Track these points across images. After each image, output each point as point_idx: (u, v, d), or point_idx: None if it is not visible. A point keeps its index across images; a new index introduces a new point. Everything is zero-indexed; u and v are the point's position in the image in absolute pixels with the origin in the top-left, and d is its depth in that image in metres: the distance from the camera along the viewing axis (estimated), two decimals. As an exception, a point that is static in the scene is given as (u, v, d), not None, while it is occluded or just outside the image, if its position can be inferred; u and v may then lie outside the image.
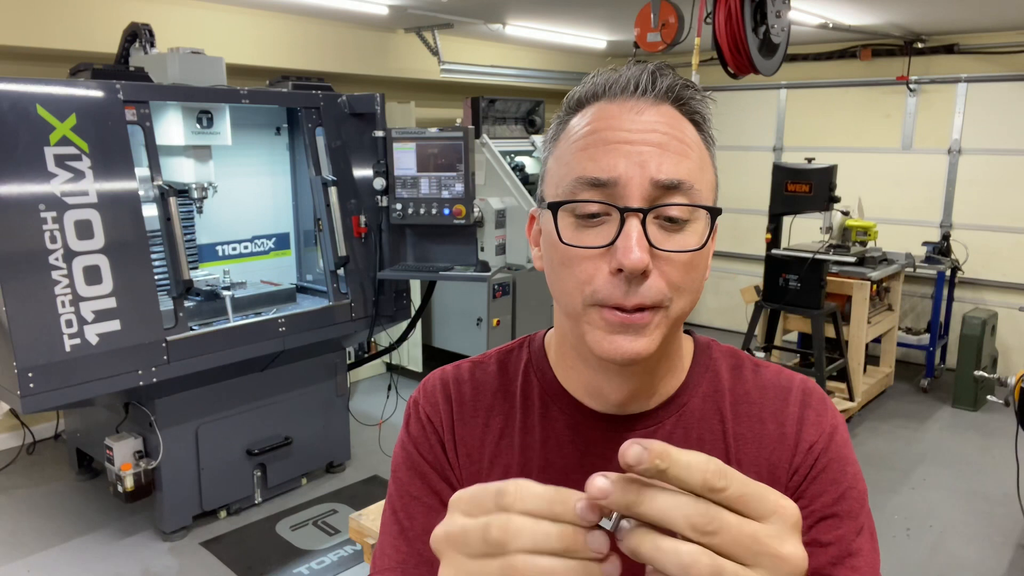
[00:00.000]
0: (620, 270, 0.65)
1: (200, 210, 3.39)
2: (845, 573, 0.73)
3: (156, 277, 2.91)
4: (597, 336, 0.68)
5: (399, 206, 3.48)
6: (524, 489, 0.44)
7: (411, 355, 5.28)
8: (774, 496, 0.44)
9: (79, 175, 2.66)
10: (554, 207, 0.69)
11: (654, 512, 0.42)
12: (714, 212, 0.69)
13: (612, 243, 0.66)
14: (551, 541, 0.43)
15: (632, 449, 0.42)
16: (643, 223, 0.65)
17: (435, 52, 5.17)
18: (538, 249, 0.78)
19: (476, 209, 3.51)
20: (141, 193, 2.86)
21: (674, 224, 0.67)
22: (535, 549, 0.43)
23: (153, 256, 2.90)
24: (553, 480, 0.43)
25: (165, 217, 2.91)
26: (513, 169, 4.64)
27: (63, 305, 2.62)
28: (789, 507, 0.44)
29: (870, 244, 4.89)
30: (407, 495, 0.81)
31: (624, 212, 0.65)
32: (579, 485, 0.74)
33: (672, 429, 0.77)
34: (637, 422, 0.77)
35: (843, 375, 4.59)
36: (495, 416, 0.82)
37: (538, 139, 5.18)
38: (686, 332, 0.82)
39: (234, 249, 3.74)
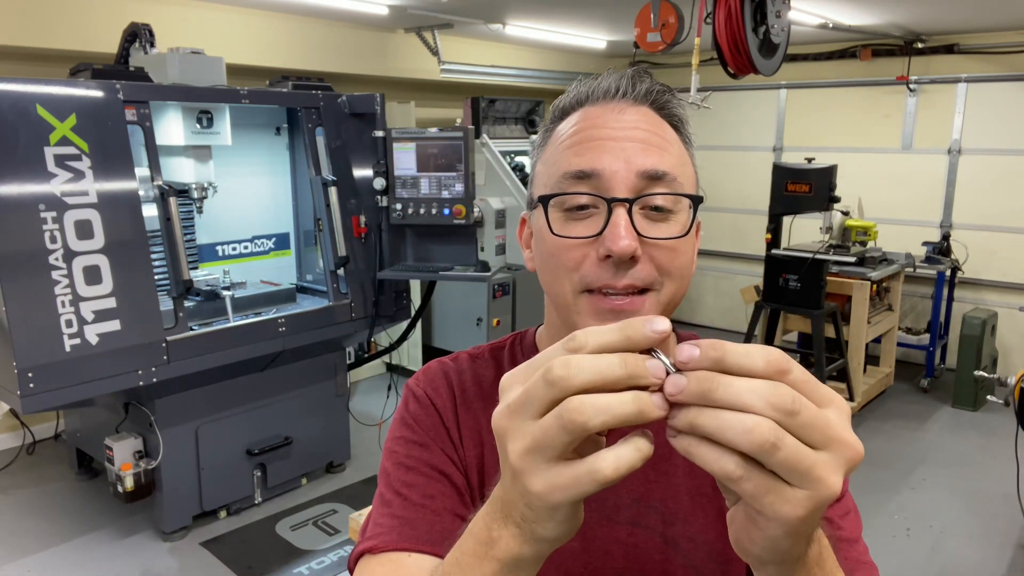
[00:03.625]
0: (608, 256, 0.68)
1: (200, 210, 3.38)
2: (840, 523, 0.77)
3: (156, 277, 2.91)
4: (588, 324, 0.67)
5: (399, 206, 3.48)
6: (591, 331, 0.45)
7: (411, 355, 5.28)
8: (826, 386, 0.45)
9: (79, 175, 2.66)
10: (544, 200, 0.73)
11: (730, 395, 0.42)
12: (695, 200, 0.73)
13: (600, 232, 0.69)
14: (615, 368, 0.43)
15: (684, 349, 0.43)
16: (629, 212, 0.69)
17: (435, 52, 5.17)
18: (530, 251, 0.81)
19: (476, 209, 3.51)
20: (141, 193, 2.86)
21: (659, 213, 0.71)
22: (597, 379, 0.43)
23: (153, 256, 2.90)
24: None
25: (165, 217, 2.91)
26: (513, 169, 4.64)
27: (63, 305, 2.62)
28: (842, 398, 0.45)
29: (870, 244, 4.89)
30: (403, 466, 0.79)
31: (611, 202, 0.69)
32: None
33: None
34: None
35: (843, 375, 4.60)
36: (494, 407, 0.81)
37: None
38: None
39: (234, 249, 3.74)
